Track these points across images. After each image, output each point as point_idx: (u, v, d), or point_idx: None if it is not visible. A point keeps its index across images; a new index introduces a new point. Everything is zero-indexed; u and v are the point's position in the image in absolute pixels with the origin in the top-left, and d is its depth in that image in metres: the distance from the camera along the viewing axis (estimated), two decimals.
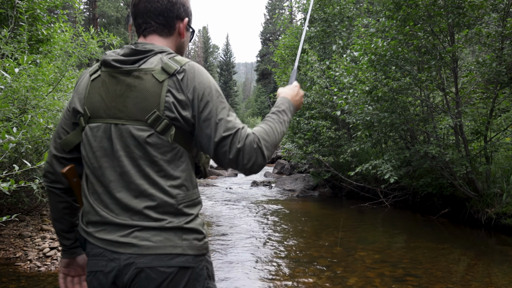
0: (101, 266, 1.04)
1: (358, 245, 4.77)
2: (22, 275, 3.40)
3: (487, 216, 5.55)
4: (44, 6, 5.05)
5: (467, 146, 5.86)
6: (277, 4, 45.96)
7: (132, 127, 1.04)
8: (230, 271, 3.75)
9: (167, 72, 1.05)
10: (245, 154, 1.04)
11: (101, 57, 1.14)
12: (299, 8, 9.75)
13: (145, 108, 1.04)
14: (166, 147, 1.05)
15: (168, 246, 1.01)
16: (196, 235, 1.06)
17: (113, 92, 1.08)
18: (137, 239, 1.01)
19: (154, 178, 1.04)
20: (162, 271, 1.00)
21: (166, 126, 1.04)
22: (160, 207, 1.04)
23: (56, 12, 5.63)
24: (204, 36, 58.48)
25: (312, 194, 8.79)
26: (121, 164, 1.05)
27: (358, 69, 6.36)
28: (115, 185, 1.06)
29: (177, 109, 1.04)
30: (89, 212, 1.10)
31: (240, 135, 1.05)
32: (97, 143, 1.08)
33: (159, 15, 1.14)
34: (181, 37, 1.21)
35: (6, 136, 2.61)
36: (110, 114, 1.07)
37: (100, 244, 1.05)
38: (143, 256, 1.00)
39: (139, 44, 1.12)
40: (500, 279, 3.66)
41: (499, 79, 5.45)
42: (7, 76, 3.24)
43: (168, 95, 1.04)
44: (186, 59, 1.11)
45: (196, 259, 1.05)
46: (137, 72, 1.07)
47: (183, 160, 1.09)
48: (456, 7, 5.41)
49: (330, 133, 8.00)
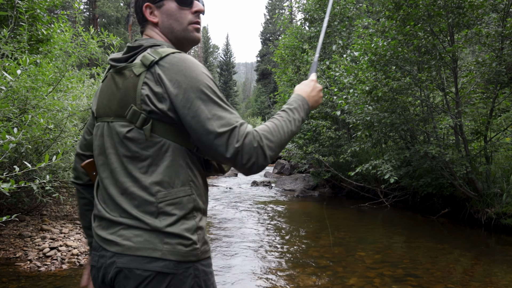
0: (94, 261, 1.05)
1: (358, 245, 4.77)
2: (22, 275, 3.40)
3: (487, 216, 5.55)
4: (44, 6, 5.05)
5: (467, 146, 5.86)
6: (277, 4, 45.93)
7: (117, 124, 1.04)
8: (230, 271, 3.75)
9: (144, 65, 1.00)
10: (244, 153, 0.96)
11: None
12: (299, 8, 9.75)
13: (125, 104, 1.01)
14: (147, 141, 1.00)
15: (148, 248, 0.96)
16: (180, 240, 0.98)
17: (110, 91, 1.08)
18: (121, 237, 0.99)
19: (135, 175, 1.01)
20: (138, 274, 0.95)
21: (144, 120, 0.99)
22: (141, 206, 0.99)
23: (56, 12, 5.63)
24: (204, 36, 58.47)
25: (312, 194, 8.79)
26: (110, 161, 1.05)
27: (358, 69, 6.36)
28: (107, 181, 1.06)
29: (152, 102, 0.98)
30: (95, 206, 1.12)
31: (238, 133, 0.97)
32: (96, 141, 1.12)
33: (136, 10, 1.17)
34: (153, 21, 1.14)
35: (7, 136, 2.61)
36: (105, 113, 1.09)
37: (97, 239, 1.06)
38: (122, 256, 0.97)
39: (136, 41, 1.11)
40: (500, 279, 3.66)
41: (499, 79, 5.45)
42: (7, 76, 3.24)
43: (144, 88, 0.99)
44: (171, 49, 1.03)
45: (178, 266, 0.96)
46: (124, 70, 1.05)
47: (169, 154, 1.01)
48: (456, 7, 5.41)
49: (330, 133, 8.00)
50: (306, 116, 1.18)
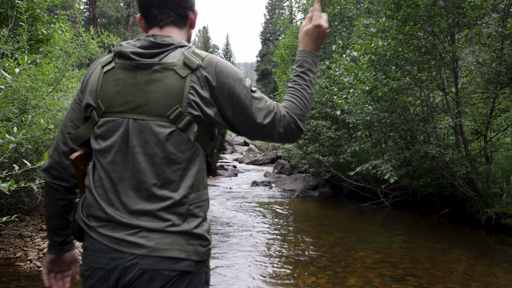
0: (102, 263, 1.00)
1: (358, 245, 4.77)
2: (22, 275, 3.40)
3: (487, 216, 5.55)
4: (44, 6, 5.05)
5: (467, 146, 5.86)
6: (277, 4, 45.93)
7: (153, 123, 1.01)
8: (230, 271, 3.75)
9: (190, 67, 1.02)
10: (287, 134, 1.10)
11: (114, 48, 1.10)
12: (299, 8, 9.75)
13: (168, 104, 1.01)
14: (186, 145, 1.03)
15: (175, 249, 0.99)
16: (201, 241, 1.04)
17: (132, 86, 1.04)
18: (144, 239, 0.98)
19: (169, 177, 1.02)
20: (166, 274, 0.98)
21: (188, 123, 1.02)
22: (171, 208, 1.01)
23: (56, 12, 5.63)
24: (204, 36, 58.47)
25: (312, 194, 8.79)
26: (136, 161, 1.02)
27: (358, 69, 6.36)
28: (125, 183, 1.03)
29: (200, 107, 1.02)
30: (92, 206, 1.06)
31: (278, 119, 1.08)
32: (111, 137, 1.04)
33: (177, 5, 1.12)
34: (191, 28, 1.20)
35: (7, 136, 2.61)
36: (128, 109, 1.03)
37: (103, 240, 1.01)
38: (148, 258, 0.97)
39: (157, 37, 1.07)
40: (500, 279, 3.66)
41: (499, 79, 5.45)
42: (7, 76, 3.24)
43: (191, 92, 1.01)
44: (205, 52, 1.08)
45: (197, 265, 1.03)
46: (159, 67, 1.03)
47: (199, 159, 1.07)
48: (456, 7, 5.41)
49: (330, 133, 8.00)
50: (317, 69, 1.24)
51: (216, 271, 3.76)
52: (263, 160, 17.40)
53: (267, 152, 18.85)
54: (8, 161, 3.75)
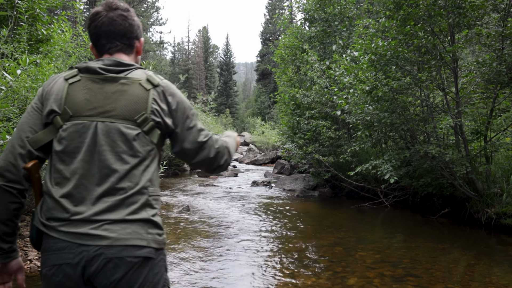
0: (68, 258, 1.08)
1: (358, 245, 4.77)
2: None
3: (487, 216, 5.55)
4: (44, 6, 5.05)
5: (467, 146, 5.85)
6: (277, 4, 45.92)
7: (121, 125, 1.17)
8: (230, 271, 3.76)
9: (152, 83, 1.23)
10: (221, 153, 1.35)
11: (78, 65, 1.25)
12: (299, 8, 9.75)
13: (135, 110, 1.19)
14: (149, 146, 1.21)
15: (136, 238, 1.11)
16: (158, 230, 1.18)
17: (100, 95, 1.19)
18: (107, 231, 1.09)
19: (133, 171, 1.17)
20: (129, 260, 1.10)
21: (152, 128, 1.21)
22: (132, 197, 1.14)
23: (56, 12, 5.62)
24: (204, 36, 58.44)
25: (312, 194, 8.79)
26: (104, 157, 1.15)
27: (358, 69, 6.36)
28: (91, 178, 1.14)
29: (161, 115, 1.22)
30: (53, 208, 1.13)
31: (214, 139, 1.34)
32: (79, 138, 1.17)
33: (123, 36, 1.29)
34: (138, 54, 1.38)
35: (7, 136, 2.61)
36: (96, 113, 1.17)
37: (66, 237, 1.09)
38: (112, 247, 1.08)
39: (118, 58, 1.26)
40: (500, 279, 3.66)
41: (499, 79, 5.45)
42: (7, 77, 3.24)
43: (153, 102, 1.21)
44: (161, 76, 1.31)
45: (157, 252, 1.16)
46: (125, 80, 1.21)
47: (156, 161, 1.26)
48: (456, 7, 5.41)
49: (330, 133, 8.00)
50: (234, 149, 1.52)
51: (216, 271, 3.76)
52: (263, 160, 17.40)
53: (267, 152, 18.85)
54: None
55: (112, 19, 1.26)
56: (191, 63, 54.21)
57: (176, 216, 6.14)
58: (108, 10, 1.27)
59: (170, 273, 3.66)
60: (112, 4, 1.28)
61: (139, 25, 1.35)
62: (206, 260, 4.07)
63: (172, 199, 7.73)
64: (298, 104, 8.99)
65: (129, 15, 1.30)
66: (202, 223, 5.75)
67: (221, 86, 53.78)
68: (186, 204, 7.10)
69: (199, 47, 56.40)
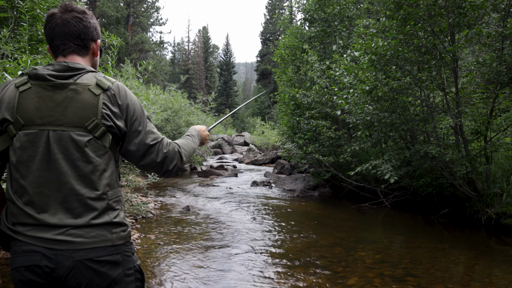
0: (36, 260, 1.14)
1: (358, 245, 4.78)
2: None
3: (487, 216, 5.56)
4: (44, 6, 5.05)
5: (467, 146, 5.86)
6: (277, 4, 45.91)
7: (73, 133, 1.19)
8: (230, 271, 3.76)
9: (102, 88, 1.24)
10: (169, 157, 1.35)
11: (28, 71, 1.25)
12: (299, 8, 9.74)
13: (85, 117, 1.20)
14: (102, 150, 1.23)
15: (101, 240, 1.19)
16: (122, 228, 1.27)
17: (50, 103, 1.20)
18: (71, 236, 1.16)
19: (90, 177, 1.21)
20: (98, 260, 1.18)
21: (103, 132, 1.22)
22: (92, 203, 1.20)
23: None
24: (204, 36, 58.42)
25: (312, 194, 8.79)
26: (59, 165, 1.18)
27: (358, 69, 6.36)
28: (50, 186, 1.18)
29: (112, 119, 1.23)
30: (17, 214, 1.18)
31: (164, 143, 1.35)
32: (32, 147, 1.18)
33: (76, 37, 1.30)
34: (95, 56, 1.39)
35: None
36: (48, 122, 1.19)
37: (32, 241, 1.15)
38: (79, 251, 1.16)
39: (69, 62, 1.26)
40: (500, 279, 3.66)
41: (499, 79, 5.45)
42: (7, 77, 3.24)
43: (104, 107, 1.22)
44: (113, 79, 1.31)
45: (123, 246, 1.26)
46: (74, 86, 1.22)
47: (113, 164, 1.28)
48: (456, 7, 5.41)
49: (330, 133, 8.00)
50: (199, 143, 1.65)
51: (216, 271, 3.76)
52: (263, 160, 17.40)
53: (267, 152, 18.85)
54: None
55: (66, 20, 1.28)
56: (191, 63, 54.21)
57: (176, 216, 6.14)
58: (63, 12, 1.28)
59: (170, 273, 3.67)
60: (67, 6, 1.29)
61: (95, 27, 1.36)
62: (206, 260, 4.07)
63: (172, 199, 7.73)
64: (298, 104, 8.99)
65: (85, 17, 1.31)
66: (202, 223, 5.76)
67: (221, 86, 53.77)
68: (186, 204, 7.10)
69: (199, 47, 56.39)
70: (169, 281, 3.50)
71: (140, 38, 35.30)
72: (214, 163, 16.21)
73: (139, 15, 37.39)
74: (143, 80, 6.86)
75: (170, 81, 41.53)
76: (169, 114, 11.04)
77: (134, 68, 6.84)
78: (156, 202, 7.25)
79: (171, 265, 3.88)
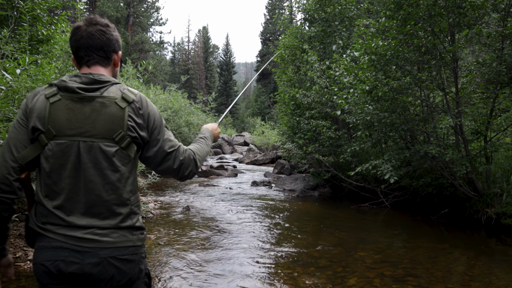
0: (64, 256, 1.26)
1: (358, 245, 4.78)
2: (22, 275, 3.41)
3: (487, 216, 5.56)
4: (44, 6, 5.05)
5: (467, 146, 5.85)
6: (277, 4, 45.91)
7: (102, 144, 1.30)
8: (230, 271, 3.76)
9: (127, 101, 1.34)
10: (185, 164, 1.46)
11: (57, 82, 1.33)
12: (299, 8, 9.74)
13: (112, 129, 1.31)
14: (127, 159, 1.35)
15: (124, 240, 1.32)
16: (141, 231, 1.41)
17: (80, 115, 1.30)
18: (98, 236, 1.28)
19: (116, 185, 1.32)
20: (120, 258, 1.30)
21: (129, 143, 1.34)
22: (117, 209, 1.32)
23: (56, 12, 5.60)
24: (204, 36, 58.41)
25: (312, 194, 8.79)
26: (87, 174, 1.29)
27: (358, 69, 6.36)
28: (79, 192, 1.29)
29: (136, 130, 1.35)
30: (47, 216, 1.30)
31: (180, 150, 1.46)
32: (64, 156, 1.29)
33: (100, 49, 1.39)
34: (115, 66, 1.48)
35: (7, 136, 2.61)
36: (78, 133, 1.29)
37: (62, 238, 1.27)
38: (105, 249, 1.28)
39: (95, 75, 1.35)
40: (500, 279, 3.66)
41: (499, 79, 5.45)
42: (7, 77, 3.24)
43: (129, 119, 1.33)
44: (135, 90, 1.41)
45: (140, 247, 1.39)
46: (101, 99, 1.32)
47: (135, 171, 1.40)
48: (456, 7, 5.41)
49: (330, 133, 7.99)
50: (212, 143, 1.76)
51: (216, 271, 3.76)
52: (263, 160, 17.40)
53: (267, 152, 18.85)
54: None
55: (90, 33, 1.37)
56: (191, 63, 54.21)
57: (176, 216, 6.14)
58: (88, 25, 1.37)
59: (170, 273, 3.67)
60: (92, 19, 1.39)
61: (117, 39, 1.45)
62: (206, 260, 4.07)
63: (172, 199, 7.73)
64: (298, 104, 8.99)
65: (108, 30, 1.41)
66: (202, 223, 5.75)
67: (221, 86, 53.77)
68: (186, 204, 7.11)
69: (199, 47, 56.38)
70: (169, 281, 3.50)
71: (140, 38, 35.30)
72: (214, 163, 16.21)
73: (139, 15, 37.40)
74: (143, 80, 6.86)
75: (170, 81, 41.53)
76: (169, 114, 11.04)
77: (134, 68, 6.84)
78: (156, 202, 7.25)
79: (171, 265, 3.88)
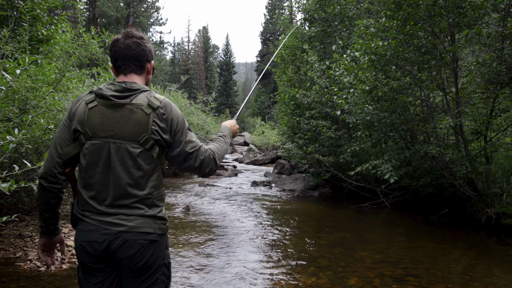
0: (96, 237, 1.48)
1: (358, 245, 4.78)
2: (22, 275, 3.41)
3: (487, 216, 5.55)
4: (44, 6, 5.05)
5: (467, 146, 5.85)
6: (277, 4, 45.89)
7: (128, 145, 1.50)
8: (230, 271, 3.76)
9: (152, 107, 1.52)
10: (205, 163, 1.62)
11: (96, 90, 1.54)
12: (299, 8, 9.74)
13: (138, 133, 1.50)
14: (150, 159, 1.53)
15: (146, 227, 1.51)
16: (162, 221, 1.57)
17: (112, 119, 1.50)
18: (124, 221, 1.49)
19: (139, 181, 1.51)
20: (140, 242, 1.50)
21: (152, 145, 1.52)
22: (140, 201, 1.51)
23: (56, 12, 5.60)
24: (204, 36, 58.40)
25: (312, 194, 8.79)
26: (116, 170, 1.49)
27: (358, 69, 6.35)
28: (109, 186, 1.50)
29: (159, 134, 1.52)
30: (85, 204, 1.52)
31: (201, 150, 1.61)
32: (97, 154, 1.50)
33: (135, 59, 1.59)
34: (148, 74, 1.67)
35: (7, 136, 2.62)
36: (109, 135, 1.50)
37: (95, 223, 1.49)
38: (128, 232, 1.48)
39: (127, 83, 1.54)
40: (500, 279, 3.66)
41: (499, 79, 5.45)
42: (7, 77, 3.24)
43: (153, 124, 1.51)
44: (161, 96, 1.59)
45: (161, 237, 1.56)
46: (130, 106, 1.51)
47: (158, 168, 1.58)
48: (456, 7, 5.40)
49: (330, 133, 7.99)
50: (231, 139, 1.91)
51: (216, 271, 3.76)
52: (263, 160, 17.39)
53: (267, 152, 18.84)
54: (8, 161, 3.75)
55: (127, 45, 1.58)
56: (191, 63, 54.20)
57: (176, 216, 6.14)
58: (125, 38, 1.59)
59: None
60: (129, 33, 1.60)
61: (150, 50, 1.65)
62: (206, 260, 4.07)
63: (172, 199, 7.73)
64: (298, 104, 8.99)
65: (142, 42, 1.61)
66: (202, 223, 5.75)
67: (221, 86, 53.75)
68: (186, 204, 7.10)
69: (199, 47, 56.36)
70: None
71: None
72: None
73: (139, 15, 37.40)
74: None
75: (170, 81, 41.51)
76: None
77: None
78: None
79: (171, 266, 3.88)
